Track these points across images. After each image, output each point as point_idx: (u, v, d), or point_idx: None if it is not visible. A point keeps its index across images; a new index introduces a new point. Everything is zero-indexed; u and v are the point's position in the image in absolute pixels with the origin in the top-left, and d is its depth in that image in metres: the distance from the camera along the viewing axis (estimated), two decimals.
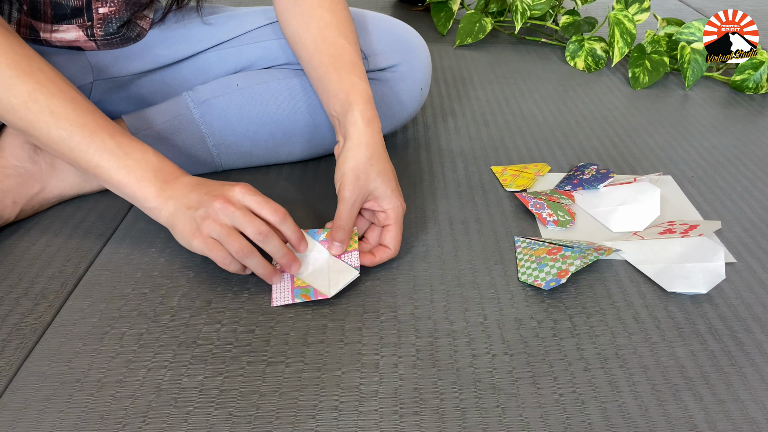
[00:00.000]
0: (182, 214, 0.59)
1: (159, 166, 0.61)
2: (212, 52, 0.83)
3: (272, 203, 0.60)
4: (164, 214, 0.60)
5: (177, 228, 0.59)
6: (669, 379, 0.54)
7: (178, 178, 0.61)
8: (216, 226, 0.57)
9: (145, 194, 0.60)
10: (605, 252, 0.67)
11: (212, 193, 0.59)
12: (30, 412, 0.49)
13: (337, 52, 0.69)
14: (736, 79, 1.18)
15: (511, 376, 0.54)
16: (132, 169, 0.60)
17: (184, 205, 0.59)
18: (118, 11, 0.74)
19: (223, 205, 0.57)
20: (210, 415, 0.49)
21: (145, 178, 0.60)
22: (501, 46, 1.40)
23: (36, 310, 0.59)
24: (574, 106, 1.09)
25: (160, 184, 0.60)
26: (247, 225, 0.58)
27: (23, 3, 0.69)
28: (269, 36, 0.83)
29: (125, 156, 0.60)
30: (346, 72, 0.68)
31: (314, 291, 0.61)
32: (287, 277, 0.62)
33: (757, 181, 0.86)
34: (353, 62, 0.69)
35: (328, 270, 0.63)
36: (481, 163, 0.88)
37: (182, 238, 0.59)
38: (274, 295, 0.61)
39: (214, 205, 0.58)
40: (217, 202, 0.58)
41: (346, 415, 0.50)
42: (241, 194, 0.59)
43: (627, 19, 1.23)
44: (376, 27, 0.83)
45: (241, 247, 0.58)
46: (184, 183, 0.61)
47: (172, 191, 0.60)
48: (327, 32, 0.71)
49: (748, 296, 0.64)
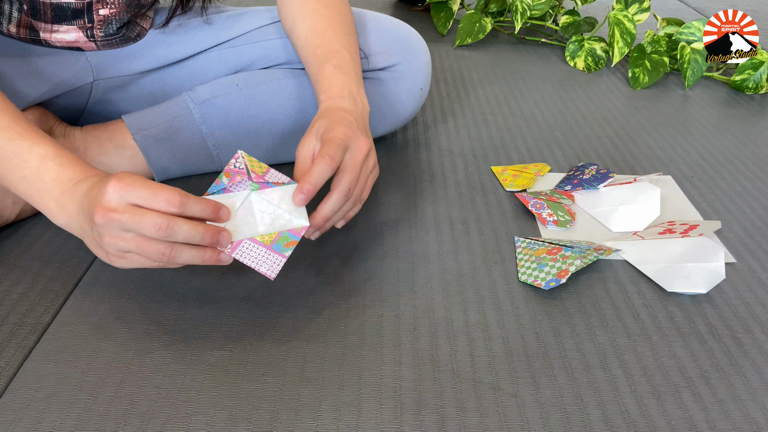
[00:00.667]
0: (84, 233, 0.53)
1: (57, 173, 0.54)
2: (213, 52, 0.83)
3: (160, 192, 0.50)
4: (75, 231, 0.55)
5: (90, 246, 0.54)
6: (669, 379, 0.54)
7: (75, 186, 0.54)
8: (115, 241, 0.50)
9: (49, 212, 0.55)
10: (605, 252, 0.67)
11: (92, 204, 0.51)
12: (30, 412, 0.49)
13: (334, 50, 0.70)
14: (736, 79, 1.18)
15: (510, 376, 0.54)
16: (31, 182, 0.54)
17: (78, 222, 0.53)
18: (119, 13, 0.74)
19: (103, 218, 0.49)
20: (210, 415, 0.49)
21: (44, 190, 0.54)
22: (501, 46, 1.40)
23: (36, 310, 0.59)
24: (574, 106, 1.09)
25: (58, 196, 0.54)
26: (140, 228, 0.49)
27: (23, 3, 0.69)
28: (270, 36, 0.83)
29: (23, 165, 0.54)
30: (341, 68, 0.68)
31: (290, 232, 0.56)
32: (249, 244, 0.55)
33: (757, 181, 0.86)
34: (348, 59, 0.70)
35: (286, 211, 0.56)
36: (481, 163, 0.88)
37: (99, 256, 0.54)
38: (262, 269, 0.54)
39: (96, 222, 0.50)
40: (96, 216, 0.49)
41: (346, 415, 0.50)
42: (119, 194, 0.49)
43: (627, 19, 1.23)
44: (375, 27, 0.83)
45: (158, 251, 0.50)
46: (77, 193, 0.53)
47: (70, 204, 0.54)
48: (319, 24, 0.72)
49: (748, 296, 0.64)
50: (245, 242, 0.54)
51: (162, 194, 0.50)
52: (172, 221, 0.50)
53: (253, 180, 0.56)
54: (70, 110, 0.80)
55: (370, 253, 0.68)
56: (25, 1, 0.69)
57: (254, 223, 0.55)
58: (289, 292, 0.62)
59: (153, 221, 0.49)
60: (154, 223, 0.49)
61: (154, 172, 0.77)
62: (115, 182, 0.49)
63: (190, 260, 0.52)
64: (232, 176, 0.56)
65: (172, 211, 0.50)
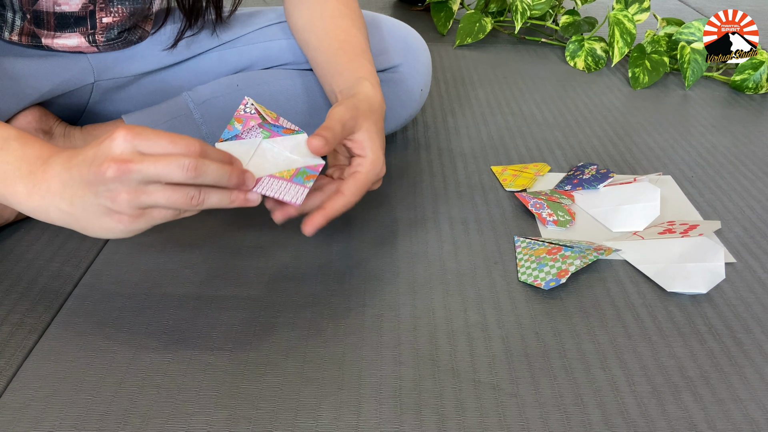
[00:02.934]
0: (78, 205, 0.47)
1: (22, 153, 0.49)
2: (213, 52, 0.83)
3: (179, 140, 0.46)
4: (53, 214, 0.49)
5: (83, 223, 0.48)
6: (669, 379, 0.54)
7: (46, 162, 0.48)
8: (135, 197, 0.46)
9: (16, 197, 0.48)
10: (605, 252, 0.67)
11: (95, 163, 0.45)
12: (30, 412, 0.49)
13: (349, 38, 0.71)
14: (736, 79, 1.18)
15: (510, 375, 0.54)
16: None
17: (71, 194, 0.47)
18: (122, 20, 0.74)
19: (119, 172, 0.44)
20: (210, 415, 0.49)
21: (8, 173, 0.48)
22: (501, 46, 1.40)
23: (36, 309, 0.59)
24: (574, 106, 1.09)
25: (26, 176, 0.48)
26: (166, 173, 0.45)
27: (27, 13, 0.69)
28: (270, 37, 0.83)
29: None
30: (355, 55, 0.69)
31: (308, 168, 0.54)
32: (270, 180, 0.53)
33: (757, 181, 0.86)
34: (363, 49, 0.70)
35: (299, 158, 0.55)
36: (481, 163, 0.88)
37: (99, 231, 0.48)
38: (287, 198, 0.53)
39: (107, 178, 0.45)
40: (109, 171, 0.44)
41: (346, 415, 0.50)
42: (131, 143, 0.45)
43: (627, 19, 1.23)
44: (376, 28, 0.84)
45: (185, 194, 0.46)
46: (55, 165, 0.48)
47: (47, 182, 0.48)
48: (340, 21, 0.72)
49: (748, 296, 0.64)
50: (265, 178, 0.52)
51: (180, 142, 0.46)
52: (200, 161, 0.46)
53: (268, 122, 0.55)
54: (71, 110, 0.80)
55: (370, 253, 0.68)
56: (28, 11, 0.69)
57: (269, 169, 0.54)
58: (289, 292, 0.62)
59: (180, 163, 0.45)
60: (182, 164, 0.45)
61: None
62: (125, 132, 0.45)
63: (218, 202, 0.49)
64: (244, 122, 0.54)
65: (190, 159, 0.46)
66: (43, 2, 0.68)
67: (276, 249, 0.68)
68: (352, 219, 0.74)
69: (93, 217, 0.48)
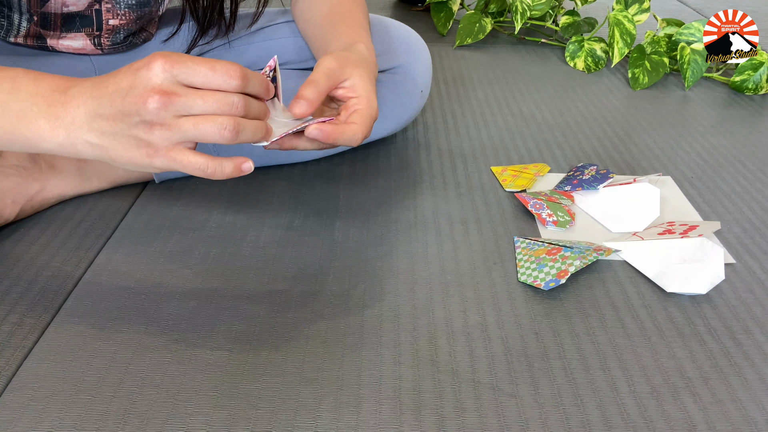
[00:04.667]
0: (108, 136, 0.45)
1: (35, 88, 0.46)
2: (214, 52, 0.83)
3: (218, 66, 0.45)
4: (81, 147, 0.47)
5: (112, 153, 0.46)
6: (668, 379, 0.54)
7: (66, 93, 0.46)
8: (174, 130, 0.45)
9: (39, 134, 0.46)
10: (605, 252, 0.67)
11: (132, 93, 0.44)
12: (29, 412, 0.49)
13: (350, 14, 0.73)
14: (736, 79, 1.18)
15: (510, 376, 0.54)
16: (8, 107, 0.46)
17: (100, 126, 0.45)
18: (128, 24, 0.74)
19: (160, 103, 0.43)
20: (209, 415, 0.49)
21: (26, 111, 0.46)
22: (501, 47, 1.40)
23: (35, 309, 0.59)
24: (574, 107, 1.09)
25: (46, 110, 0.46)
26: (213, 108, 0.45)
27: (34, 14, 0.69)
28: (270, 36, 0.83)
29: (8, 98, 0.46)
30: (353, 27, 0.70)
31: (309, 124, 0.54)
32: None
33: (757, 182, 0.86)
34: (362, 24, 0.72)
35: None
36: (480, 163, 0.88)
37: (129, 163, 0.47)
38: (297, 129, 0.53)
39: (149, 109, 0.44)
40: (151, 102, 0.43)
41: (346, 415, 0.50)
42: (170, 73, 0.44)
43: (627, 20, 1.23)
44: (377, 29, 0.84)
45: (225, 125, 0.45)
46: (78, 96, 0.46)
47: (70, 115, 0.46)
48: (344, 2, 0.75)
49: (748, 297, 0.64)
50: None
51: (221, 68, 0.44)
52: (246, 98, 0.46)
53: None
54: None
55: (370, 253, 0.68)
56: (36, 13, 0.69)
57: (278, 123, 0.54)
58: (289, 292, 0.62)
59: (230, 100, 0.45)
60: (231, 102, 0.45)
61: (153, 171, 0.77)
62: (163, 60, 0.43)
63: (251, 135, 0.48)
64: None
65: (233, 86, 0.45)
66: (52, 4, 0.68)
67: (276, 249, 0.68)
68: (352, 218, 0.74)
69: (123, 149, 0.46)
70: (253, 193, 0.78)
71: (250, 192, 0.78)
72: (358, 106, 0.57)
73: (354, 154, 0.88)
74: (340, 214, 0.75)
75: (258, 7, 0.77)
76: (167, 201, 0.76)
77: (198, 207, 0.75)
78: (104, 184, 0.76)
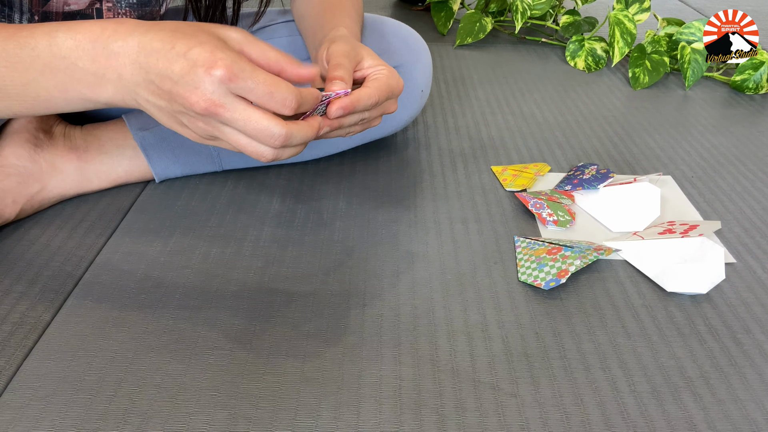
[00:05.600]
0: (154, 105, 0.47)
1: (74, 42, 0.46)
2: None
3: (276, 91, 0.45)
4: (128, 100, 0.48)
5: (161, 121, 0.48)
6: (668, 379, 0.54)
7: (108, 47, 0.46)
8: (211, 132, 0.46)
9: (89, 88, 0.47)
10: (605, 252, 0.67)
11: (183, 86, 0.44)
12: (29, 412, 0.49)
13: (339, 5, 0.74)
14: (736, 79, 1.18)
15: (510, 376, 0.54)
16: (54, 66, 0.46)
17: (149, 92, 0.46)
18: None
19: (207, 112, 0.44)
20: (209, 415, 0.49)
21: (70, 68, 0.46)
22: (501, 46, 1.40)
23: (36, 309, 0.59)
24: (574, 106, 1.09)
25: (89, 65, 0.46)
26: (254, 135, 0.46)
27: (35, 14, 0.69)
28: (271, 36, 0.83)
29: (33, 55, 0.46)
30: (341, 15, 0.72)
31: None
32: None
33: (757, 181, 0.86)
34: (350, 13, 0.73)
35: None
36: (481, 163, 0.88)
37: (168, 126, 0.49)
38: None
39: (193, 110, 0.45)
40: (196, 106, 0.44)
41: (346, 415, 0.50)
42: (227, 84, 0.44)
43: (627, 19, 1.23)
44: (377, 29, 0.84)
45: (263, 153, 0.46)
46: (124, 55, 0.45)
47: (118, 72, 0.46)
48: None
49: (748, 296, 0.64)
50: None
51: (278, 96, 0.45)
52: (289, 135, 0.46)
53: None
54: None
55: (370, 253, 0.68)
56: (37, 12, 0.69)
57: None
58: (289, 292, 0.62)
59: (271, 133, 0.45)
60: (272, 135, 0.45)
61: (154, 171, 0.77)
62: (223, 72, 0.43)
63: (288, 158, 0.49)
64: None
65: (286, 113, 0.46)
66: (53, 3, 0.68)
67: (276, 248, 0.68)
68: (353, 218, 0.74)
69: (167, 121, 0.47)
70: (253, 193, 0.78)
71: (251, 192, 0.78)
72: (379, 75, 0.58)
73: (354, 154, 0.88)
74: (340, 214, 0.75)
75: (260, 6, 0.78)
76: (167, 201, 0.76)
77: (198, 207, 0.75)
78: (104, 183, 0.76)
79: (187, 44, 0.44)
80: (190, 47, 0.44)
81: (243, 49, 0.48)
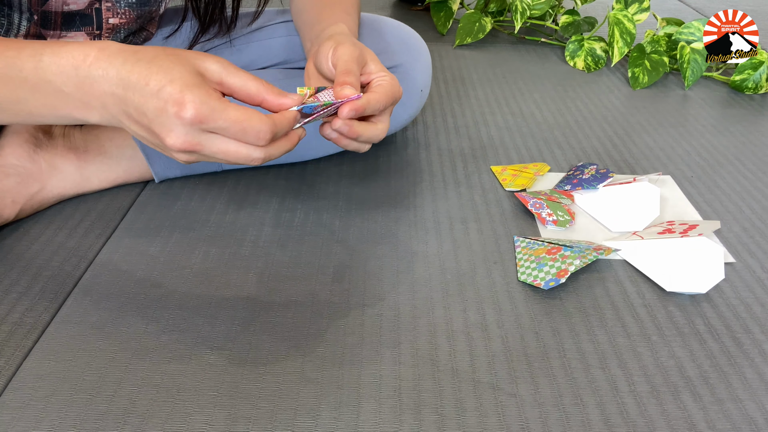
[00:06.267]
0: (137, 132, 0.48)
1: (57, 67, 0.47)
2: (215, 51, 0.83)
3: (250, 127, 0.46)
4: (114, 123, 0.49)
5: (147, 143, 0.50)
6: (668, 378, 0.54)
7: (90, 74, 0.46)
8: (191, 159, 0.48)
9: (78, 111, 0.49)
10: (605, 252, 0.67)
11: (158, 124, 0.45)
12: (29, 412, 0.49)
13: (336, 2, 0.74)
14: (736, 79, 1.18)
15: (510, 375, 0.54)
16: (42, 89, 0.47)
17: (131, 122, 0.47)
18: (128, 23, 0.74)
19: (184, 147, 0.46)
20: (209, 415, 0.49)
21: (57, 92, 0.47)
22: (501, 46, 1.40)
23: (35, 309, 0.59)
24: (574, 106, 1.09)
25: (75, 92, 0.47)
26: (233, 161, 0.48)
27: (35, 13, 0.69)
28: (270, 35, 0.83)
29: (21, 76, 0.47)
30: (338, 12, 0.71)
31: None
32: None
33: (757, 181, 0.86)
34: (346, 9, 0.73)
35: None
36: (480, 162, 0.88)
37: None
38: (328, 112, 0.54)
39: (168, 146, 0.46)
40: (172, 144, 0.46)
41: (346, 415, 0.50)
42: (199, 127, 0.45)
43: (627, 19, 1.23)
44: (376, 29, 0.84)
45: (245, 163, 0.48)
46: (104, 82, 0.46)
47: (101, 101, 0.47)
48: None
49: (748, 296, 0.64)
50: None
51: (251, 132, 0.46)
52: (267, 154, 0.48)
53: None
54: None
55: (370, 253, 0.68)
56: (36, 12, 0.69)
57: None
58: (289, 291, 0.62)
59: (248, 156, 0.47)
60: (249, 158, 0.47)
61: (153, 171, 0.77)
62: (193, 115, 0.44)
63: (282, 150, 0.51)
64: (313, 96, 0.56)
65: (261, 145, 0.48)
66: (53, 2, 0.68)
67: (276, 249, 0.68)
68: (352, 218, 0.74)
69: (152, 145, 0.48)
70: (253, 193, 0.78)
71: (250, 192, 0.78)
72: (382, 82, 0.59)
73: (354, 154, 0.88)
74: (340, 214, 0.75)
75: (258, 5, 0.78)
76: (167, 201, 0.76)
77: (198, 206, 0.75)
78: (104, 183, 0.76)
79: (159, 82, 0.45)
80: (162, 86, 0.45)
81: (223, 81, 0.48)
